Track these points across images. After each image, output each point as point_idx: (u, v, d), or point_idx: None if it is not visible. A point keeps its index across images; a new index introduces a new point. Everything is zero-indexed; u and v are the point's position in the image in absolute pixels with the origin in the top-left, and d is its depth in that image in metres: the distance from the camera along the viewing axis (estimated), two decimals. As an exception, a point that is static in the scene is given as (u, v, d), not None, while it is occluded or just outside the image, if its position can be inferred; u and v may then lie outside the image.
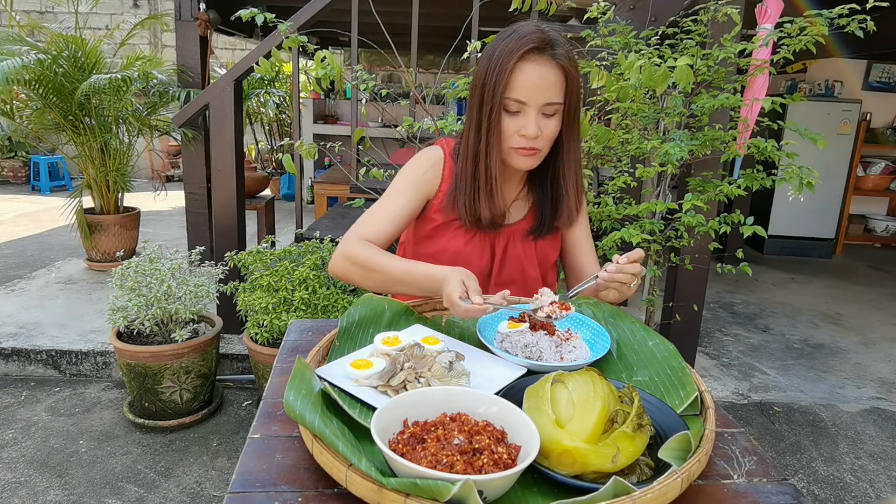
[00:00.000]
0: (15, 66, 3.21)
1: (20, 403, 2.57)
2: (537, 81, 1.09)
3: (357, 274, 1.15)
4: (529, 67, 1.09)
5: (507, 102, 1.11)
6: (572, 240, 1.35)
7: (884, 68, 5.64)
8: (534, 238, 1.29)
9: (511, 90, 1.10)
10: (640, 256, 1.03)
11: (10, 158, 7.54)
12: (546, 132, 1.14)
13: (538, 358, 0.91)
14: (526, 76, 1.09)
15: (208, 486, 2.10)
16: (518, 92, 1.10)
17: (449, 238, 1.27)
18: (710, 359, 3.28)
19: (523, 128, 1.12)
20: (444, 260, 1.22)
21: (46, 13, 7.69)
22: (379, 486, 0.58)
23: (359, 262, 1.13)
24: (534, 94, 1.10)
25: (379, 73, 7.42)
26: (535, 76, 1.09)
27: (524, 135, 1.12)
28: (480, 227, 1.24)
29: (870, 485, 2.30)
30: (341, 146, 2.50)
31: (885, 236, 6.05)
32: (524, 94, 1.10)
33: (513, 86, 1.10)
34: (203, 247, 2.61)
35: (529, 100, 1.10)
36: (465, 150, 1.20)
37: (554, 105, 1.12)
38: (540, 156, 1.18)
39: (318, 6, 2.58)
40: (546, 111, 1.12)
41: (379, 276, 1.12)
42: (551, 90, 1.11)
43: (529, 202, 1.31)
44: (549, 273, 1.34)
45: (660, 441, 0.71)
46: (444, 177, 1.26)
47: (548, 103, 1.11)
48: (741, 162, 2.20)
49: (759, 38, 2.01)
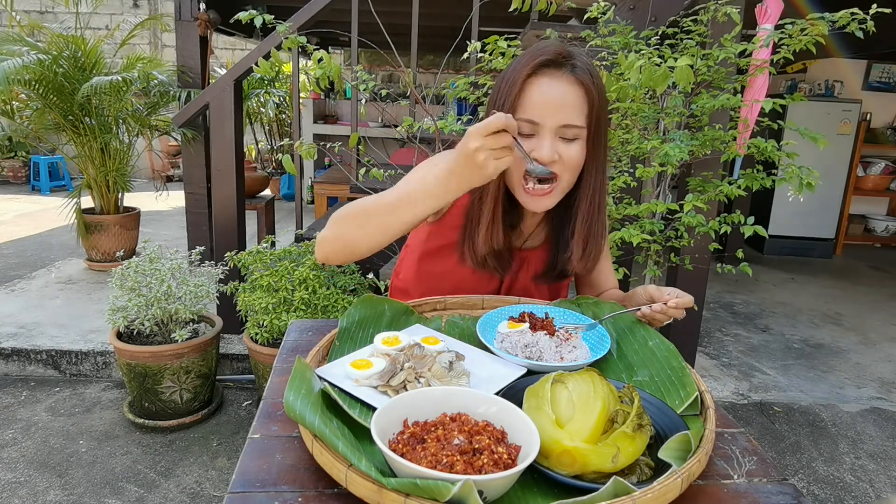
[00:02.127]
0: (15, 66, 3.21)
1: (20, 403, 2.57)
2: (553, 99, 0.95)
3: (351, 229, 0.96)
4: (543, 82, 0.96)
5: (518, 125, 0.91)
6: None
7: (884, 68, 5.64)
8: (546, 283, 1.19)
9: (522, 109, 0.96)
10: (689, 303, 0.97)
11: (10, 158, 7.54)
12: (566, 158, 0.97)
13: (538, 358, 0.91)
14: (539, 92, 0.95)
15: (208, 486, 2.10)
16: (530, 111, 0.95)
17: (457, 261, 1.13)
18: (710, 359, 3.28)
19: (535, 151, 0.96)
20: (449, 282, 1.16)
21: (46, 13, 7.69)
22: (379, 486, 0.58)
23: (350, 213, 0.96)
24: (548, 113, 0.95)
25: (379, 73, 7.43)
26: (550, 92, 0.95)
27: (536, 159, 0.95)
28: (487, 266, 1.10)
29: (870, 485, 2.30)
30: (341, 146, 2.50)
31: (885, 236, 6.05)
32: (536, 112, 0.95)
33: (524, 104, 0.96)
34: (203, 247, 2.61)
35: (543, 119, 0.95)
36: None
37: (573, 128, 0.96)
38: (560, 188, 1.01)
39: (318, 6, 2.58)
40: (564, 134, 0.97)
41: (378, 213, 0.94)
42: (568, 109, 0.95)
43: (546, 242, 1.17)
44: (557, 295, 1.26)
45: (660, 441, 0.71)
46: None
47: (565, 125, 0.96)
48: (741, 162, 2.20)
49: (759, 39, 2.01)
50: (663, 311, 0.98)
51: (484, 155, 0.79)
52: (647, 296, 1.03)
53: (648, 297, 1.02)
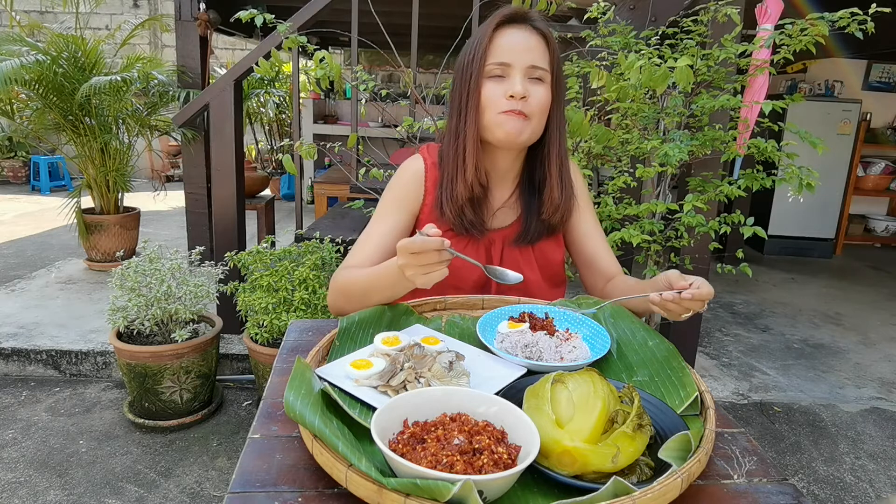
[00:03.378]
0: (15, 66, 3.21)
1: (20, 403, 2.57)
2: (519, 42, 1.07)
3: (342, 300, 1.09)
4: (509, 31, 1.08)
5: (490, 69, 1.08)
6: (579, 229, 1.27)
7: (884, 68, 5.64)
8: (528, 242, 1.22)
9: (492, 55, 1.08)
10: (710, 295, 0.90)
11: (10, 158, 7.54)
12: (535, 97, 1.08)
13: (538, 358, 0.91)
14: (507, 39, 1.08)
15: (208, 486, 2.10)
16: (500, 55, 1.07)
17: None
18: (710, 359, 3.28)
19: (510, 88, 1.06)
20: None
21: (46, 13, 7.69)
22: (379, 486, 0.58)
23: (338, 288, 1.10)
24: (517, 55, 1.07)
25: (379, 73, 7.43)
26: (516, 38, 1.08)
27: (512, 95, 1.06)
28: (465, 221, 1.16)
29: (870, 485, 2.30)
30: (341, 146, 2.50)
31: (885, 236, 6.05)
32: (507, 55, 1.07)
33: (493, 51, 1.08)
34: (203, 247, 2.61)
35: (514, 60, 1.07)
36: (448, 138, 1.17)
37: (539, 70, 1.08)
38: (531, 126, 1.10)
39: (318, 6, 2.58)
40: (532, 75, 1.08)
41: (355, 294, 1.06)
42: (534, 53, 1.08)
43: (520, 206, 1.23)
44: (554, 273, 1.27)
45: (660, 441, 0.71)
46: (428, 188, 1.20)
47: (533, 65, 1.07)
48: (741, 162, 2.20)
49: (759, 39, 2.01)
50: (677, 301, 0.91)
51: (411, 271, 0.87)
52: (667, 282, 0.95)
53: (667, 284, 0.95)
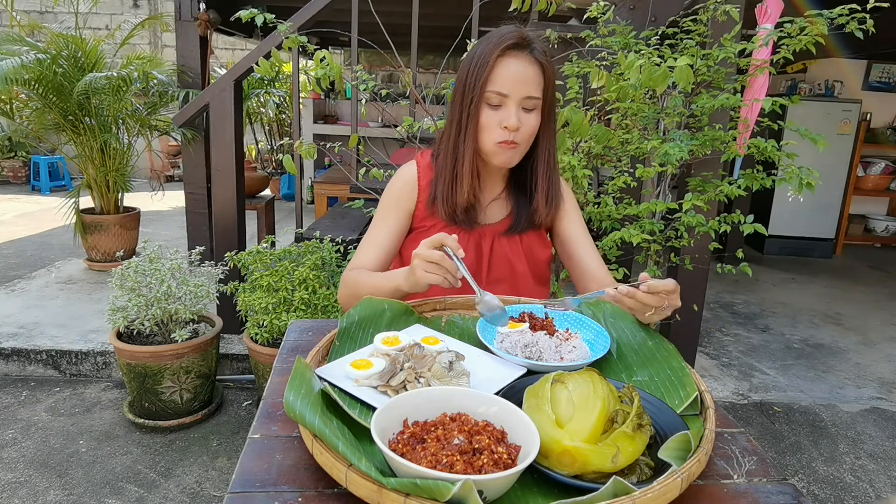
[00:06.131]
0: (15, 65, 3.21)
1: (20, 403, 2.57)
2: (517, 74, 1.15)
3: (350, 298, 1.20)
4: (510, 62, 1.15)
5: (489, 96, 1.16)
6: (566, 234, 1.36)
7: (884, 68, 5.64)
8: (517, 233, 1.32)
9: (493, 83, 1.16)
10: (667, 289, 0.92)
11: (10, 158, 7.54)
12: (526, 126, 1.18)
13: (538, 358, 0.91)
14: (507, 70, 1.15)
15: (208, 486, 2.10)
16: (500, 84, 1.15)
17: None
18: (710, 359, 3.28)
19: (505, 119, 1.16)
20: None
21: (46, 13, 7.69)
22: (379, 486, 0.58)
23: (347, 286, 1.23)
24: (514, 87, 1.15)
25: (379, 73, 7.42)
26: (516, 69, 1.15)
27: (506, 126, 1.16)
28: (457, 219, 1.27)
29: (870, 485, 2.30)
30: (341, 146, 2.50)
31: (885, 236, 6.05)
32: (506, 86, 1.15)
33: (494, 79, 1.15)
34: (203, 247, 2.61)
35: (511, 92, 1.16)
36: (446, 146, 1.25)
37: (533, 99, 1.17)
38: (520, 151, 1.21)
39: (318, 6, 2.58)
40: (526, 105, 1.17)
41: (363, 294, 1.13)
42: (530, 84, 1.16)
43: (510, 203, 1.34)
44: (540, 270, 1.36)
45: (660, 441, 0.71)
46: (422, 186, 1.30)
47: (528, 97, 1.16)
48: (741, 162, 2.20)
49: (759, 38, 2.01)
50: (631, 295, 0.92)
51: (416, 261, 1.00)
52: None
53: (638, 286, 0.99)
